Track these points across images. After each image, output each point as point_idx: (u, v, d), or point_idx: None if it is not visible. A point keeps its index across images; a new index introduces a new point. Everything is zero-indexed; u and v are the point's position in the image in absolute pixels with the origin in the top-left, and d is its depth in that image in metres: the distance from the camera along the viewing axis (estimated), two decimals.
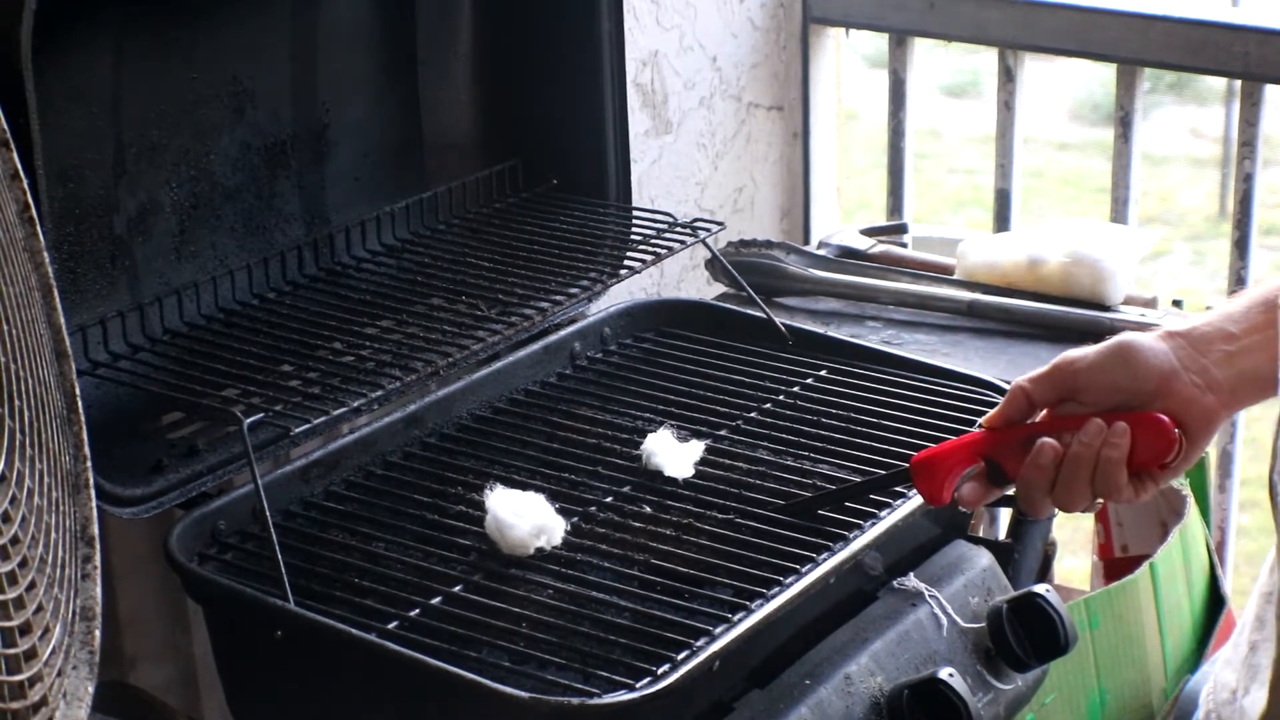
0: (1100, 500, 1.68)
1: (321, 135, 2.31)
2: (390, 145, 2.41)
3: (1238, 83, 2.86)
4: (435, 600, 1.81)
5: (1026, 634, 1.97)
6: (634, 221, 2.43)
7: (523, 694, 1.63)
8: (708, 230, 2.37)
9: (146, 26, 2.07)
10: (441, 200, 2.43)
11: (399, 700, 1.75)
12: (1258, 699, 1.60)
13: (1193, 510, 2.68)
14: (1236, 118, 2.87)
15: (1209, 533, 2.78)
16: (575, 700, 1.64)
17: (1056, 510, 1.70)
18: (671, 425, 2.10)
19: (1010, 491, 1.72)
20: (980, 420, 1.74)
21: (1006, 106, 3.01)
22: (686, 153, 3.00)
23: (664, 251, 2.34)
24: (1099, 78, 6.46)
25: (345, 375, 2.02)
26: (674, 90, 2.94)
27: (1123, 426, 1.63)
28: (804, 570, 1.83)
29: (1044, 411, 1.70)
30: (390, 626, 1.76)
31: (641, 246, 2.36)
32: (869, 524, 1.91)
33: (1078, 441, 1.64)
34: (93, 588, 1.40)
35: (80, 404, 1.45)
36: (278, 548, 1.81)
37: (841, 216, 3.30)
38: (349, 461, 2.06)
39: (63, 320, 1.44)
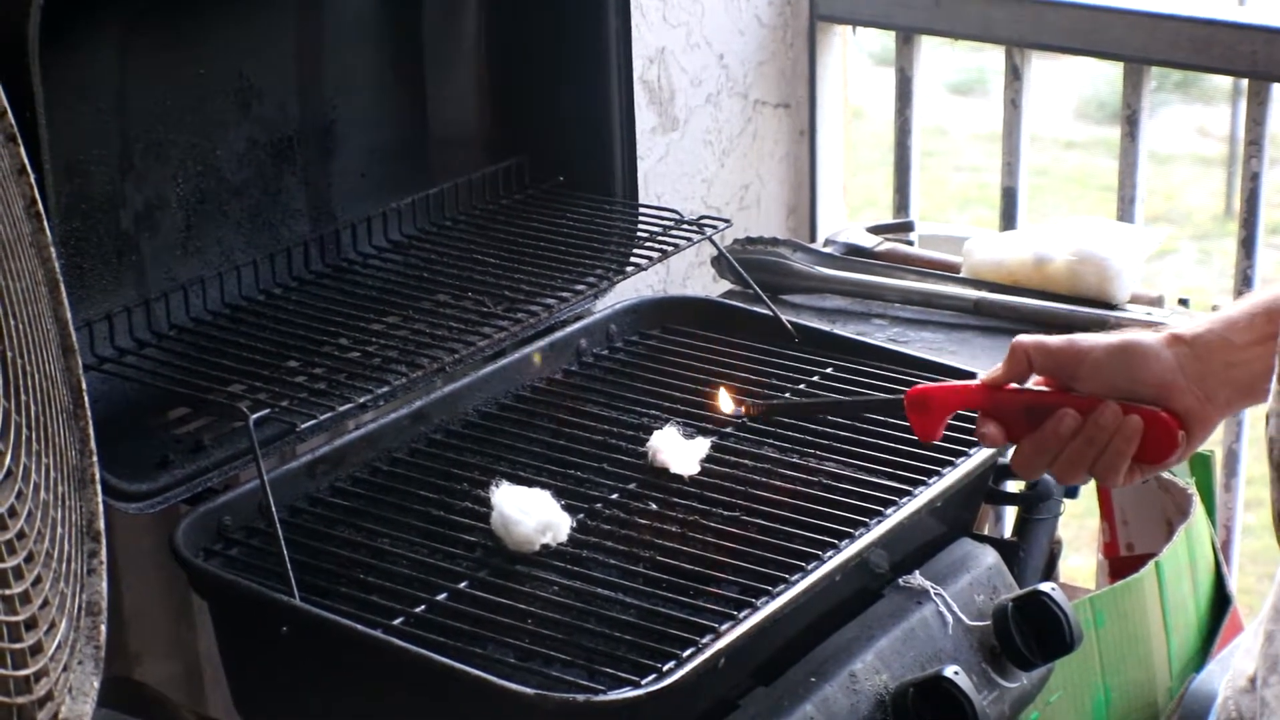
0: (1091, 478, 1.70)
1: (328, 131, 2.31)
2: (396, 141, 2.41)
3: (1244, 81, 2.86)
4: (441, 596, 1.81)
5: (1032, 632, 1.97)
6: (640, 218, 2.43)
7: (528, 690, 1.63)
8: (714, 227, 2.37)
9: (153, 22, 2.07)
10: (448, 196, 2.43)
11: (404, 696, 1.75)
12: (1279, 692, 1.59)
13: (1198, 509, 2.68)
14: (1243, 117, 2.86)
15: (1214, 531, 2.77)
16: (580, 697, 1.64)
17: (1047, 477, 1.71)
18: (677, 422, 2.10)
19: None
20: (981, 375, 1.73)
21: (1013, 104, 3.01)
22: (693, 150, 2.99)
23: (670, 248, 2.34)
24: (1105, 76, 6.45)
25: (351, 371, 2.02)
26: (681, 87, 2.94)
27: (1137, 421, 1.64)
28: (810, 568, 1.83)
29: (1036, 377, 1.71)
30: (396, 623, 1.76)
31: (648, 243, 2.36)
32: (875, 522, 1.91)
33: (1093, 424, 1.64)
34: (98, 583, 1.40)
35: (86, 399, 1.45)
36: (283, 543, 1.81)
37: (848, 214, 3.29)
38: (355, 458, 2.06)
39: (69, 315, 1.45)
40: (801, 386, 2.22)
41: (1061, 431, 1.66)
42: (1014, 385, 1.71)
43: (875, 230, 2.87)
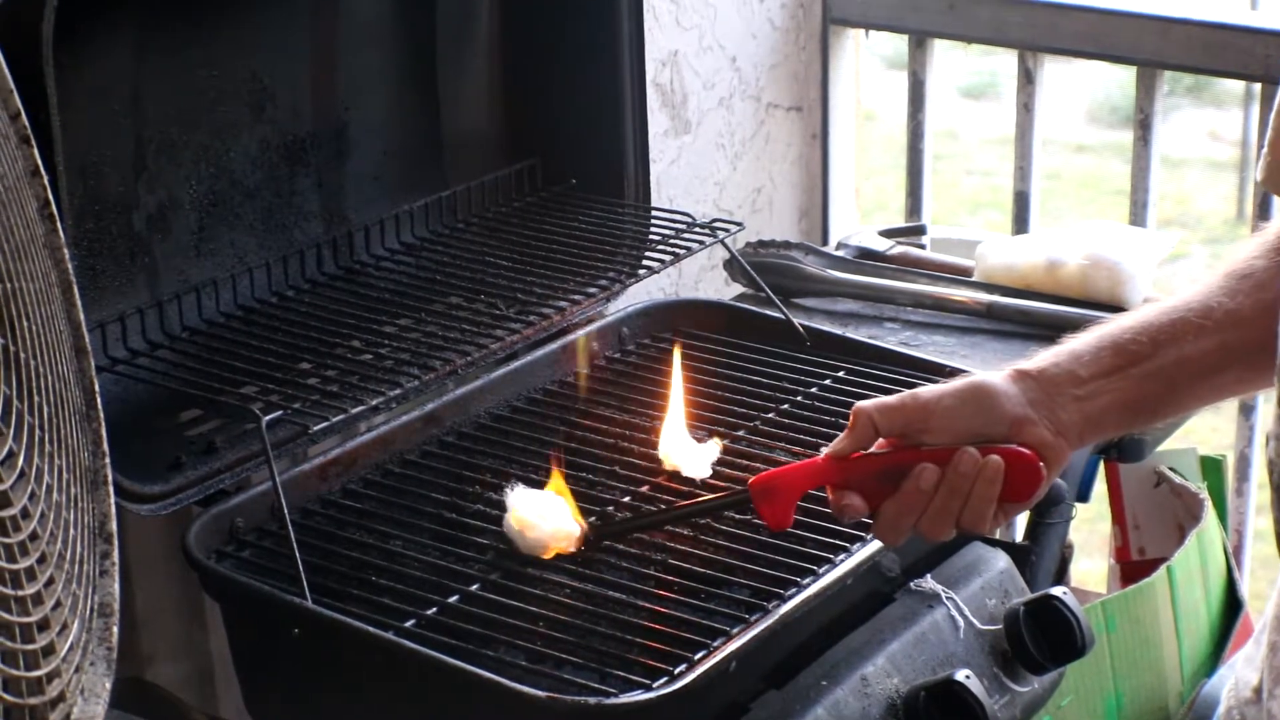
0: (956, 532, 1.65)
1: (341, 133, 2.31)
2: (410, 143, 2.41)
3: (1257, 85, 2.85)
4: (453, 599, 1.81)
5: (1043, 636, 1.97)
6: (653, 221, 2.43)
7: (539, 693, 1.63)
8: (726, 230, 2.37)
9: (167, 23, 2.07)
10: (460, 199, 2.43)
11: (415, 698, 1.75)
12: None
13: (1210, 514, 2.68)
14: (1255, 121, 2.86)
15: (1226, 536, 2.77)
16: (592, 700, 1.64)
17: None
18: (689, 425, 2.09)
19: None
20: (825, 449, 1.68)
21: (1026, 108, 3.01)
22: (705, 153, 2.99)
23: (682, 252, 2.34)
24: (1117, 80, 6.45)
25: (364, 373, 2.03)
26: (693, 90, 2.94)
27: (997, 462, 1.61)
28: (821, 571, 1.83)
29: (881, 440, 1.66)
30: (407, 625, 1.76)
31: (660, 246, 2.36)
32: None
33: (954, 472, 1.61)
34: (111, 584, 1.40)
35: (99, 401, 1.45)
36: (295, 545, 1.81)
37: (860, 217, 3.29)
38: (367, 460, 2.06)
39: (82, 317, 1.44)
40: (813, 390, 2.21)
41: (923, 487, 1.61)
42: (861, 453, 1.66)
43: (887, 234, 2.87)
